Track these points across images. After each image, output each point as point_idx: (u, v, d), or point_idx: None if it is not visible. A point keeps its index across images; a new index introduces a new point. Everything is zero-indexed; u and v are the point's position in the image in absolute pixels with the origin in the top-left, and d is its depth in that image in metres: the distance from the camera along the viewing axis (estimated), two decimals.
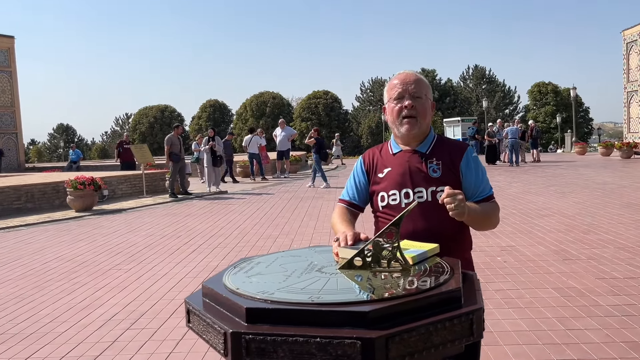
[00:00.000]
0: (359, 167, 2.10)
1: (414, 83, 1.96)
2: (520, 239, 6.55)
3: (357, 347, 1.14)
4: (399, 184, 1.93)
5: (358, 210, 2.10)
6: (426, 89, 1.99)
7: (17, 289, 5.32)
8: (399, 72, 2.03)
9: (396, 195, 1.93)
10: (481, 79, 58.75)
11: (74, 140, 65.71)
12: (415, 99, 1.94)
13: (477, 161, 2.01)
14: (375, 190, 2.01)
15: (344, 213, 2.06)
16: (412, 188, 1.91)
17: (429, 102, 2.00)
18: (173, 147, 13.09)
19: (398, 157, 1.99)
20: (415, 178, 1.92)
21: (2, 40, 27.13)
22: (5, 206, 11.23)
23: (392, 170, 1.97)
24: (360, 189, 2.08)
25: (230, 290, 1.39)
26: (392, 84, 2.00)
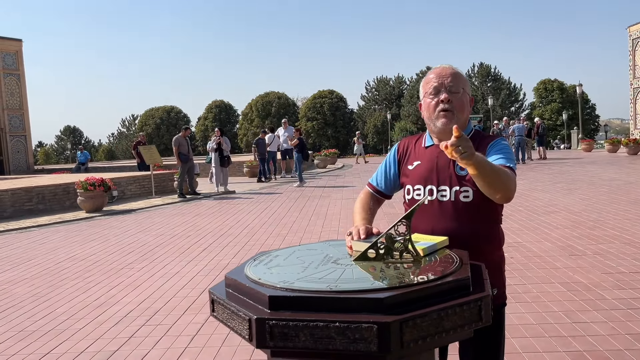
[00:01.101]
0: (391, 155, 2.08)
1: (450, 76, 1.90)
2: (526, 235, 6.62)
3: (374, 331, 1.22)
4: (424, 179, 1.91)
5: (383, 197, 2.10)
6: (464, 82, 1.93)
7: (32, 288, 5.44)
8: (436, 66, 1.98)
9: (420, 190, 1.91)
10: (486, 76, 58.64)
11: (81, 142, 66.08)
12: (452, 94, 1.87)
13: (506, 147, 1.90)
14: (403, 182, 2.00)
15: (367, 200, 2.07)
16: (436, 185, 1.88)
17: (466, 97, 1.92)
18: (181, 148, 13.22)
19: (429, 151, 1.95)
20: (442, 175, 1.88)
21: (11, 43, 27.38)
22: (17, 207, 11.39)
23: (421, 164, 1.94)
24: (388, 177, 2.07)
25: (252, 280, 1.47)
26: (427, 79, 1.95)
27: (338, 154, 27.49)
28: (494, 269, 1.93)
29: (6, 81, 26.90)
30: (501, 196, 1.76)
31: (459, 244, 1.78)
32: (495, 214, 1.95)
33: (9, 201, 11.32)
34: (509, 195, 1.77)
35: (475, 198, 1.85)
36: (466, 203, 1.86)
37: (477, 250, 1.84)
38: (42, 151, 68.92)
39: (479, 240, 1.88)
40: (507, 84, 57.92)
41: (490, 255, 1.92)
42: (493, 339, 1.95)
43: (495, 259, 1.95)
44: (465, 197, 1.85)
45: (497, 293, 1.93)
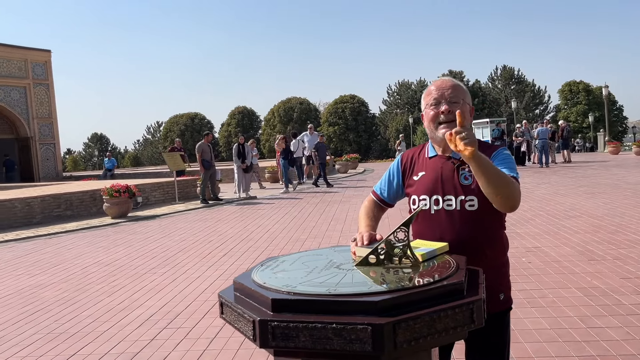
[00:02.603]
0: (395, 166, 2.15)
1: (450, 88, 1.96)
2: (545, 240, 6.58)
3: (368, 332, 1.30)
4: (429, 189, 1.96)
5: (386, 205, 2.18)
6: (464, 94, 1.98)
7: (60, 292, 5.64)
8: (436, 80, 2.07)
9: (426, 200, 1.96)
10: (510, 79, 57.98)
11: (108, 148, 67.37)
12: (453, 104, 1.93)
13: (508, 156, 1.96)
14: (409, 192, 2.05)
15: (371, 208, 2.15)
16: (442, 195, 1.93)
17: (466, 107, 1.97)
18: (204, 154, 13.45)
19: (433, 161, 2.01)
20: (447, 186, 1.93)
21: (40, 54, 28.18)
22: (46, 214, 11.73)
23: (426, 174, 2.00)
24: (391, 186, 2.14)
25: (258, 284, 1.57)
26: (428, 91, 2.01)
27: (359, 158, 27.51)
28: (499, 274, 2.00)
29: (36, 91, 27.67)
30: (504, 201, 1.78)
31: (466, 251, 1.84)
32: (499, 221, 2.01)
33: (39, 207, 11.67)
34: (513, 203, 1.79)
35: (480, 207, 1.91)
36: (472, 212, 1.91)
37: (483, 256, 1.91)
38: (70, 158, 70.41)
39: (484, 247, 1.94)
40: (532, 86, 57.17)
41: (495, 261, 1.98)
42: (499, 343, 2.00)
43: (500, 264, 2.01)
44: (470, 206, 1.91)
45: (503, 298, 1.99)
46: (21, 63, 27.15)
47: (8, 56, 26.58)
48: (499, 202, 1.77)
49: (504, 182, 1.74)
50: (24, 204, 11.46)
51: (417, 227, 2.03)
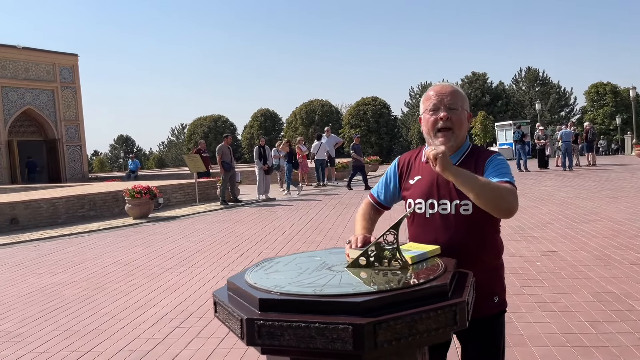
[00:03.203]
0: (392, 169, 2.18)
1: (449, 95, 1.97)
2: (562, 244, 6.51)
3: (349, 332, 1.34)
4: (425, 193, 1.98)
5: (382, 208, 2.22)
6: (462, 100, 2.00)
7: (80, 290, 5.80)
8: (435, 84, 2.10)
9: (422, 204, 1.98)
10: (534, 80, 57.14)
11: (133, 150, 68.48)
12: (451, 111, 1.95)
13: (502, 161, 1.99)
14: (405, 195, 2.08)
15: (367, 210, 2.19)
16: (437, 199, 1.95)
17: (464, 114, 2.00)
18: (224, 156, 13.61)
19: (429, 166, 1.96)
20: (442, 190, 1.95)
21: (67, 58, 28.85)
22: (70, 214, 12.02)
23: (422, 178, 2.01)
24: (388, 189, 2.18)
25: (249, 284, 1.62)
26: (427, 96, 2.02)
27: (380, 160, 27.47)
28: (494, 277, 2.02)
29: (63, 94, 28.33)
30: (496, 208, 1.82)
31: (460, 254, 1.86)
32: (493, 225, 2.03)
33: (63, 208, 11.97)
34: (507, 207, 1.82)
35: (474, 211, 1.92)
36: (466, 216, 1.93)
37: (478, 260, 1.93)
38: (97, 160, 71.77)
39: (478, 250, 1.96)
40: (557, 88, 56.27)
41: (490, 264, 2.00)
42: (493, 346, 2.02)
43: (494, 268, 2.03)
44: (465, 210, 1.93)
45: (497, 300, 2.01)
46: (49, 67, 27.84)
47: (37, 60, 27.29)
48: (491, 209, 1.82)
49: (490, 190, 1.79)
50: (49, 205, 11.77)
51: (413, 230, 2.06)
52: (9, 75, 26.12)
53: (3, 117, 25.86)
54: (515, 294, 4.64)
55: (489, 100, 50.84)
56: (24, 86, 26.73)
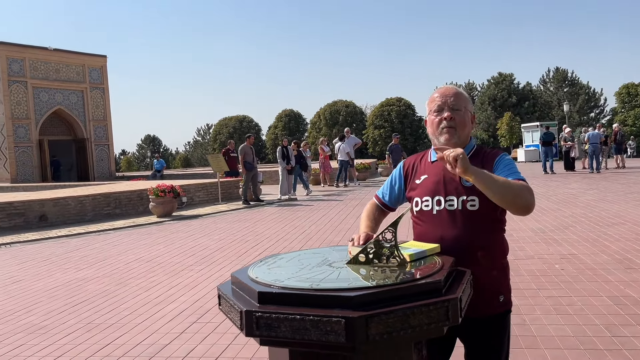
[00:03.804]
0: (397, 171, 2.24)
1: (453, 96, 2.04)
2: (583, 247, 6.43)
3: (342, 324, 1.39)
4: (432, 191, 2.02)
5: (387, 209, 2.27)
6: (465, 102, 2.06)
7: (103, 286, 5.96)
8: (440, 87, 2.16)
9: (429, 201, 2.02)
10: (563, 81, 56.13)
11: (159, 150, 69.53)
12: (455, 111, 2.01)
13: (511, 161, 2.03)
14: (411, 195, 2.11)
15: (372, 210, 2.26)
16: (444, 196, 1.99)
17: (468, 115, 2.06)
18: (246, 156, 13.76)
19: (435, 165, 2.06)
20: (448, 187, 1.99)
21: (96, 59, 29.51)
22: (97, 212, 12.32)
23: (428, 177, 2.06)
24: (393, 191, 2.23)
25: (251, 279, 1.68)
26: (432, 98, 2.09)
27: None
28: (499, 276, 2.04)
29: (92, 94, 28.99)
30: (515, 205, 1.87)
31: (467, 250, 1.91)
32: (500, 223, 2.06)
33: (90, 205, 12.27)
34: (525, 204, 1.86)
35: (481, 207, 1.96)
36: (473, 211, 1.96)
37: (484, 256, 1.96)
38: (125, 159, 73.12)
39: (485, 247, 1.98)
40: (586, 89, 55.16)
41: (495, 262, 2.02)
42: (497, 345, 2.03)
43: (500, 266, 2.04)
44: (472, 205, 1.96)
45: (503, 300, 2.02)
46: (79, 68, 28.51)
47: (67, 61, 27.98)
48: (510, 207, 1.88)
49: (510, 189, 1.84)
50: (77, 202, 12.08)
51: (420, 227, 2.08)
52: (41, 76, 26.85)
53: (34, 117, 26.59)
54: (531, 296, 4.62)
55: (516, 101, 50.14)
56: (55, 87, 27.43)
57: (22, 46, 26.41)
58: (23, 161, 26.27)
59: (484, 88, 55.41)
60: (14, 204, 11.26)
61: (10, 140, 25.66)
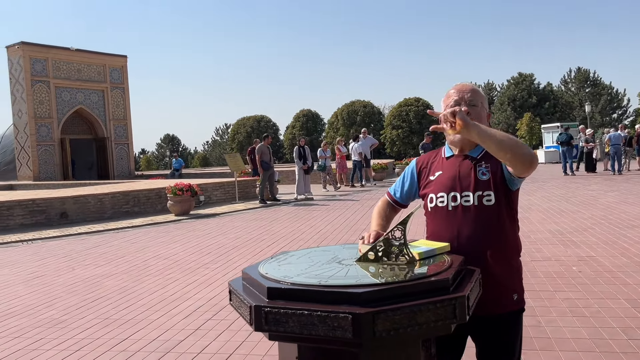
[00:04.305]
0: (410, 168, 2.24)
1: (470, 92, 2.04)
2: (602, 250, 6.34)
3: (349, 320, 1.41)
4: (447, 187, 2.01)
5: (399, 206, 2.27)
6: (482, 98, 2.07)
7: (121, 282, 6.05)
8: (456, 84, 2.14)
9: (444, 197, 2.00)
10: (585, 82, 55.31)
11: (178, 149, 70.18)
12: (471, 107, 2.00)
13: None
14: (426, 192, 2.09)
15: (384, 208, 2.26)
16: (459, 192, 1.98)
17: (484, 111, 2.06)
18: (263, 156, 13.84)
19: (450, 161, 2.06)
20: (464, 182, 1.98)
21: (117, 59, 29.91)
22: (116, 209, 12.50)
23: (443, 174, 2.05)
24: (405, 188, 2.23)
25: (261, 275, 1.71)
26: (448, 94, 2.09)
27: None
28: (514, 274, 2.03)
29: (113, 94, 29.39)
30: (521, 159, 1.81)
31: (483, 246, 1.92)
32: (514, 220, 2.05)
33: (109, 203, 12.45)
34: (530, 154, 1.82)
35: (497, 202, 1.96)
36: (489, 207, 1.96)
37: (499, 253, 1.96)
38: (144, 158, 73.90)
39: (500, 243, 1.98)
40: (608, 89, 54.27)
41: (510, 260, 2.02)
42: (510, 344, 2.02)
43: (514, 264, 2.04)
44: (487, 200, 1.96)
45: (517, 298, 2.02)
46: (100, 68, 28.93)
47: (89, 61, 28.41)
48: (513, 160, 1.82)
49: (510, 139, 1.80)
50: (96, 200, 12.27)
51: (434, 225, 2.07)
52: (63, 76, 27.30)
53: (57, 116, 27.05)
54: (547, 298, 4.58)
55: (536, 102, 49.55)
56: (76, 86, 27.87)
57: (45, 46, 26.89)
58: (45, 159, 26.74)
59: (504, 88, 54.86)
60: (36, 201, 11.49)
61: (33, 139, 26.14)
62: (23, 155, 26.74)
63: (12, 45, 26.21)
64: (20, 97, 26.19)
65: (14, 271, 7.02)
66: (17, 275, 6.76)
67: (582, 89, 55.24)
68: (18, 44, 25.94)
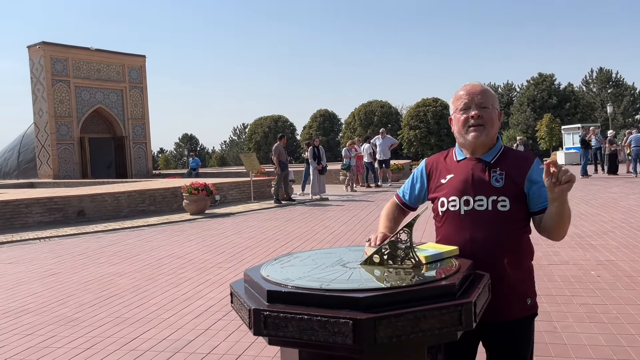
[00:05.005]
0: (419, 171, 2.17)
1: (480, 93, 1.97)
2: (622, 254, 6.19)
3: (349, 326, 1.36)
4: (459, 190, 1.95)
5: (408, 208, 2.22)
6: (492, 99, 2.00)
7: (134, 281, 6.07)
8: (465, 84, 2.07)
9: (456, 201, 1.95)
10: (606, 82, 54.34)
11: (196, 149, 70.67)
12: (482, 109, 1.95)
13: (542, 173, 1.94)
14: (436, 196, 2.03)
15: (392, 210, 2.21)
16: (472, 196, 1.92)
17: (495, 112, 1.99)
18: (280, 156, 13.83)
19: (462, 164, 2.01)
20: (477, 186, 1.93)
21: (136, 59, 30.18)
22: (132, 208, 12.59)
23: (455, 177, 1.99)
24: (414, 190, 2.17)
25: (262, 277, 1.67)
26: (458, 95, 2.02)
27: None
28: (527, 279, 2.00)
29: (131, 94, 29.66)
30: (559, 237, 1.95)
31: (497, 252, 1.88)
32: (527, 224, 2.00)
33: (126, 202, 12.55)
34: (564, 235, 1.96)
35: (512, 208, 1.90)
36: (504, 212, 1.90)
37: (513, 258, 1.92)
38: (163, 157, 74.52)
39: (514, 248, 1.93)
40: (631, 90, 53.26)
41: (523, 264, 1.98)
42: (522, 351, 1.97)
43: (528, 268, 2.00)
44: (502, 206, 1.90)
45: (530, 302, 1.98)
46: (119, 68, 29.21)
47: (108, 61, 28.71)
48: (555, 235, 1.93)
49: (567, 223, 1.88)
50: (113, 199, 12.38)
51: (445, 230, 2.01)
52: (83, 76, 27.63)
53: (76, 115, 27.39)
54: (564, 303, 4.47)
55: (556, 103, 48.83)
56: (96, 86, 28.18)
57: (66, 46, 27.23)
58: (65, 158, 27.08)
59: (523, 89, 54.17)
60: (54, 199, 11.63)
61: (53, 138, 26.50)
62: (43, 153, 27.12)
63: (34, 45, 26.60)
64: (41, 97, 26.57)
65: (30, 268, 7.09)
66: (34, 272, 6.83)
67: (604, 90, 54.30)
68: (39, 44, 26.32)
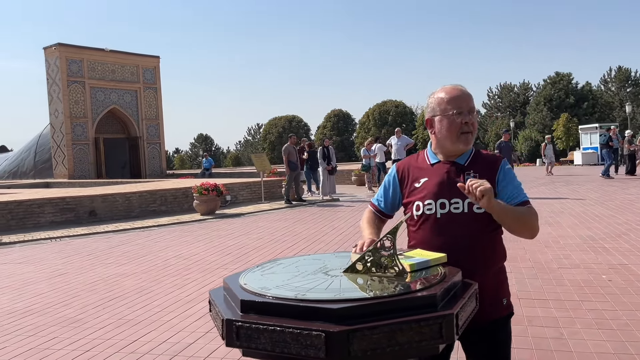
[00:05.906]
0: (391, 176, 2.13)
1: (469, 99, 1.98)
2: (635, 257, 6.03)
3: (322, 339, 1.30)
4: (435, 194, 1.94)
5: (384, 216, 2.17)
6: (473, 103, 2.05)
7: (139, 282, 6.07)
8: (449, 86, 2.01)
9: (432, 205, 1.93)
10: (625, 81, 53.43)
11: (211, 149, 71.03)
12: (472, 115, 1.97)
13: (511, 172, 1.99)
14: (411, 200, 2.01)
15: (371, 218, 2.17)
16: (449, 199, 1.91)
17: (477, 116, 2.09)
18: (290, 156, 13.80)
19: (436, 168, 2.00)
20: (453, 189, 1.91)
21: (150, 60, 30.40)
22: (143, 208, 12.65)
23: (430, 180, 1.98)
24: (388, 197, 2.13)
25: (240, 285, 1.62)
26: (450, 97, 1.96)
27: None
28: (502, 279, 2.02)
29: (145, 94, 29.89)
30: (524, 235, 1.97)
31: (474, 254, 1.87)
32: (500, 226, 1.99)
33: (137, 202, 12.62)
34: (532, 234, 1.97)
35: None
36: (479, 214, 1.90)
37: (490, 258, 1.94)
38: (178, 157, 75.11)
39: (491, 249, 1.95)
40: None
41: (499, 264, 1.99)
42: (502, 350, 1.96)
43: (502, 269, 2.03)
44: (478, 208, 1.89)
45: (506, 303, 1.99)
46: (133, 68, 29.46)
47: (122, 62, 28.96)
48: (518, 235, 1.96)
49: (522, 222, 1.91)
50: (124, 199, 12.45)
51: (422, 234, 1.99)
52: (98, 77, 27.91)
53: (91, 116, 27.67)
54: (572, 308, 4.35)
55: (574, 102, 48.18)
56: (111, 87, 28.45)
57: (81, 47, 27.52)
58: (80, 158, 27.37)
59: (540, 88, 53.52)
60: (66, 199, 11.72)
61: (68, 138, 26.80)
62: (59, 153, 27.44)
63: (49, 46, 26.92)
64: (56, 97, 26.88)
65: (38, 268, 7.14)
66: (41, 272, 6.87)
67: (622, 89, 53.42)
68: (55, 45, 26.63)
